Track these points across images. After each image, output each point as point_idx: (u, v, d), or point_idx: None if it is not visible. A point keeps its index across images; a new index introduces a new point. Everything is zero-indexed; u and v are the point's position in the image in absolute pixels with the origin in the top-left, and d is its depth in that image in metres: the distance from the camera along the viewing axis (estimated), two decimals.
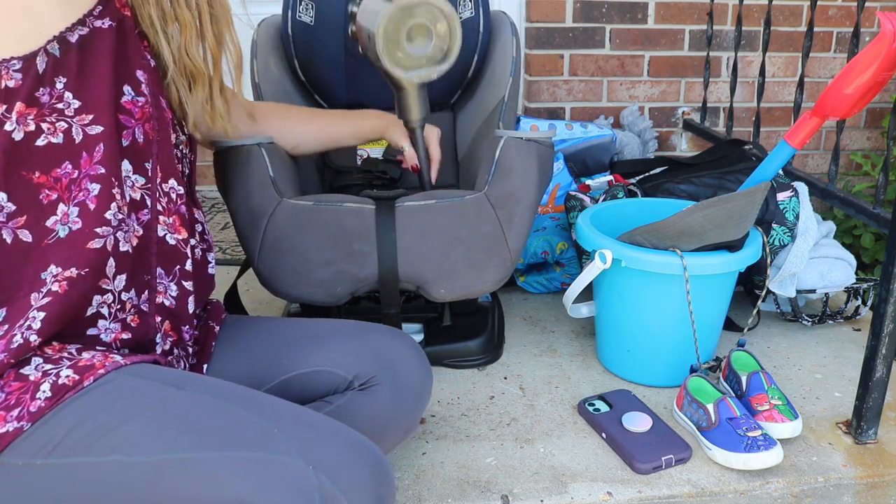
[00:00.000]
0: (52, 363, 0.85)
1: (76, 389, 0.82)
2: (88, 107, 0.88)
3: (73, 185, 0.87)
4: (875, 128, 2.63)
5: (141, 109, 0.93)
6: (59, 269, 0.87)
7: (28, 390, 0.82)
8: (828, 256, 1.60)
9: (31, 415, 0.80)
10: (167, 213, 0.97)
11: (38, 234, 0.86)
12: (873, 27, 2.48)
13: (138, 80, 0.93)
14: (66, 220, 0.87)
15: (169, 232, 0.97)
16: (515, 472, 1.18)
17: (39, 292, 0.86)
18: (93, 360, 0.85)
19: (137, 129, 0.93)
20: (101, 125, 0.88)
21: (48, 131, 0.85)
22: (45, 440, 0.80)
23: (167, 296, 0.98)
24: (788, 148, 1.45)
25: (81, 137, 0.87)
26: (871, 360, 1.23)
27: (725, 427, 1.19)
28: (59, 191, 0.86)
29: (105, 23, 0.90)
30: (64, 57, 0.86)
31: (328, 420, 0.85)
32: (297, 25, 1.54)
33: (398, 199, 1.26)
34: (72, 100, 0.87)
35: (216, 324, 1.10)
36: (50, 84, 0.85)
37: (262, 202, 1.24)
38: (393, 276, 1.25)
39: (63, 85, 0.86)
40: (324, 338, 1.08)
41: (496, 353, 1.51)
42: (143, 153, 0.94)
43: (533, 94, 2.39)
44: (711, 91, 2.45)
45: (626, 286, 1.37)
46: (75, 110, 0.87)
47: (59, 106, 0.86)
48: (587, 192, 1.71)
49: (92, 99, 0.88)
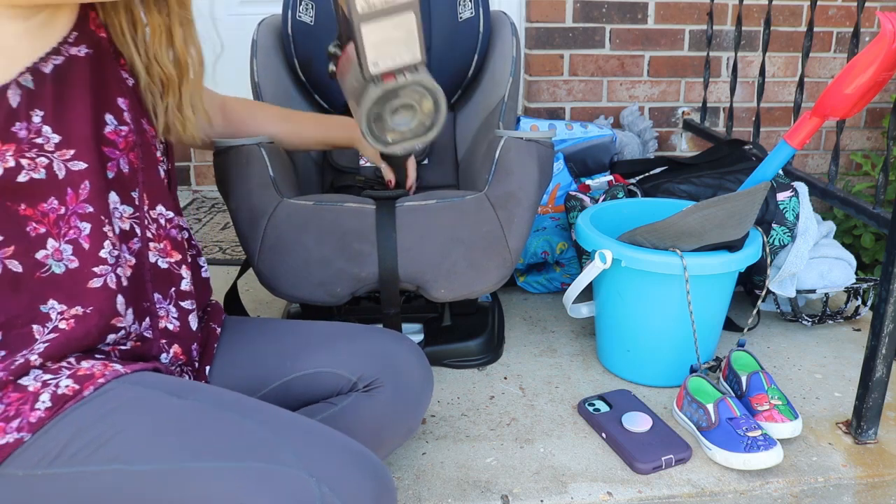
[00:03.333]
0: (52, 373, 0.84)
1: (76, 399, 0.82)
2: (70, 141, 0.85)
3: (62, 222, 0.86)
4: (875, 128, 2.63)
5: (125, 139, 0.91)
6: (65, 307, 0.87)
7: (27, 401, 0.81)
8: (828, 256, 1.60)
9: (31, 425, 0.80)
10: (157, 238, 0.97)
11: (28, 265, 0.85)
12: (873, 27, 2.48)
13: (119, 108, 0.91)
14: (60, 256, 0.86)
15: (161, 257, 0.97)
16: (515, 472, 1.18)
17: (44, 326, 0.86)
18: (92, 370, 0.85)
19: (122, 160, 0.91)
20: (85, 161, 0.86)
21: (29, 167, 0.82)
22: (45, 450, 0.79)
23: (169, 319, 0.98)
24: (788, 148, 1.45)
25: (64, 173, 0.85)
26: (871, 360, 1.23)
27: (725, 427, 1.19)
28: (47, 225, 0.85)
29: (81, 50, 0.88)
30: (39, 89, 0.83)
31: (331, 431, 0.85)
32: (297, 25, 1.54)
33: (398, 199, 1.26)
34: (51, 134, 0.84)
35: (217, 325, 1.10)
36: (26, 118, 0.82)
37: (263, 202, 1.24)
38: (393, 276, 1.25)
39: (41, 119, 0.83)
40: (328, 339, 1.08)
41: (496, 354, 1.51)
42: (129, 183, 0.93)
43: (533, 94, 2.39)
44: (711, 91, 2.45)
45: (626, 286, 1.37)
46: (55, 145, 0.84)
47: (39, 141, 0.83)
48: (587, 192, 1.71)
49: (73, 133, 0.85)
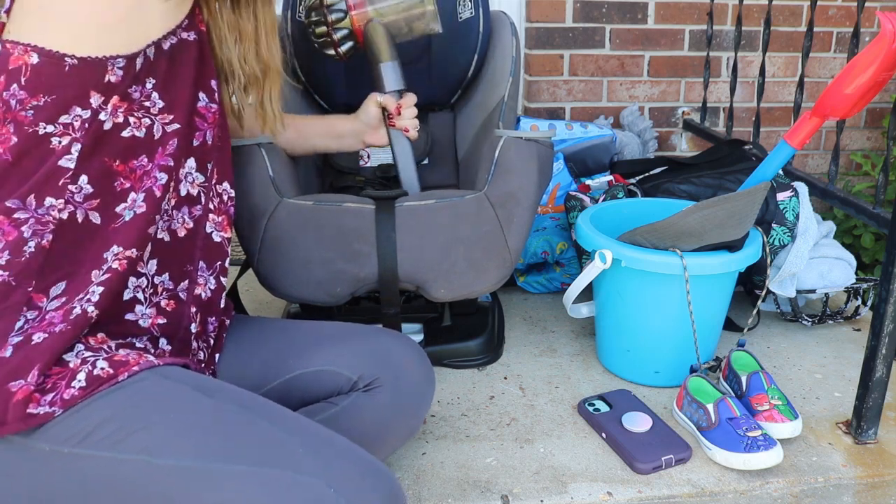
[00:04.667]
0: (93, 351, 0.88)
1: (110, 383, 0.85)
2: (171, 108, 0.95)
3: (146, 176, 0.93)
4: (875, 128, 2.63)
5: (213, 115, 1.02)
6: (121, 249, 0.92)
7: (65, 377, 0.84)
8: (828, 256, 1.60)
9: (64, 402, 0.82)
10: (217, 212, 1.04)
11: (106, 217, 0.91)
12: (873, 27, 2.48)
13: (212, 89, 1.02)
14: (133, 205, 0.93)
15: (216, 230, 1.04)
16: (515, 472, 1.18)
17: (100, 269, 0.91)
18: (128, 357, 0.88)
19: (209, 133, 1.01)
20: (179, 123, 0.96)
21: (134, 125, 0.92)
22: (74, 430, 0.82)
23: (206, 288, 1.03)
24: (788, 148, 1.44)
25: (161, 134, 0.94)
26: (871, 360, 1.23)
27: (725, 427, 1.19)
28: (132, 181, 0.93)
29: (190, 35, 0.98)
30: (156, 61, 0.93)
31: (347, 442, 0.87)
32: (297, 25, 1.54)
33: (398, 199, 1.26)
34: (157, 100, 0.94)
35: (227, 318, 1.12)
36: (142, 83, 0.92)
37: (262, 202, 1.24)
38: (393, 276, 1.25)
39: (152, 86, 0.93)
40: (329, 339, 1.09)
41: (496, 354, 1.51)
42: (207, 154, 1.02)
43: (533, 94, 2.38)
44: (711, 91, 2.45)
45: (626, 286, 1.37)
46: (159, 109, 0.94)
47: (146, 104, 0.93)
48: (587, 192, 1.71)
49: (175, 100, 0.95)
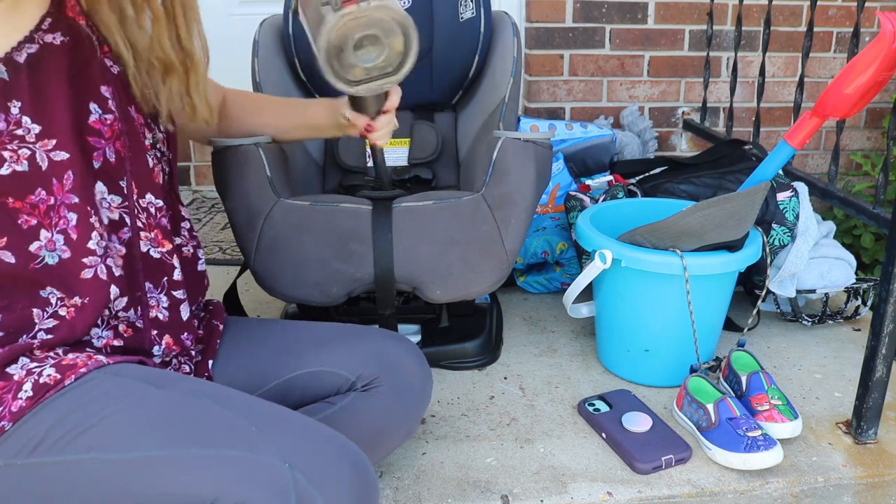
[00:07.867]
0: (38, 362, 0.85)
1: (57, 388, 0.82)
2: (50, 131, 0.84)
3: (52, 212, 0.85)
4: (875, 128, 2.63)
5: (110, 128, 0.90)
6: (63, 294, 0.87)
7: (11, 389, 0.82)
8: (828, 256, 1.60)
9: (13, 414, 0.80)
10: (148, 228, 0.96)
11: (22, 257, 0.85)
12: (873, 27, 2.48)
13: (103, 97, 0.90)
14: (54, 247, 0.86)
15: (152, 246, 0.96)
16: (515, 472, 1.18)
17: (44, 311, 0.87)
18: (76, 360, 0.85)
19: (108, 149, 0.90)
20: (67, 152, 0.85)
21: (11, 160, 0.81)
22: (25, 440, 0.80)
23: (160, 309, 0.97)
24: (788, 148, 1.44)
25: (47, 164, 0.84)
26: (871, 360, 1.22)
27: (725, 427, 1.19)
28: (38, 217, 0.85)
29: (56, 38, 0.87)
30: (14, 79, 0.82)
31: (312, 421, 0.85)
32: (298, 25, 1.54)
33: (395, 200, 1.26)
34: (31, 124, 0.83)
35: (219, 322, 1.10)
36: (4, 110, 0.81)
37: (259, 202, 1.24)
38: (389, 277, 1.25)
39: (18, 109, 0.82)
40: (327, 339, 1.08)
41: (494, 356, 1.51)
42: (116, 172, 0.92)
43: (533, 95, 2.38)
44: (711, 91, 2.45)
45: (626, 286, 1.37)
46: (36, 136, 0.83)
47: (19, 132, 0.82)
48: (587, 192, 1.70)
49: (52, 122, 0.84)
